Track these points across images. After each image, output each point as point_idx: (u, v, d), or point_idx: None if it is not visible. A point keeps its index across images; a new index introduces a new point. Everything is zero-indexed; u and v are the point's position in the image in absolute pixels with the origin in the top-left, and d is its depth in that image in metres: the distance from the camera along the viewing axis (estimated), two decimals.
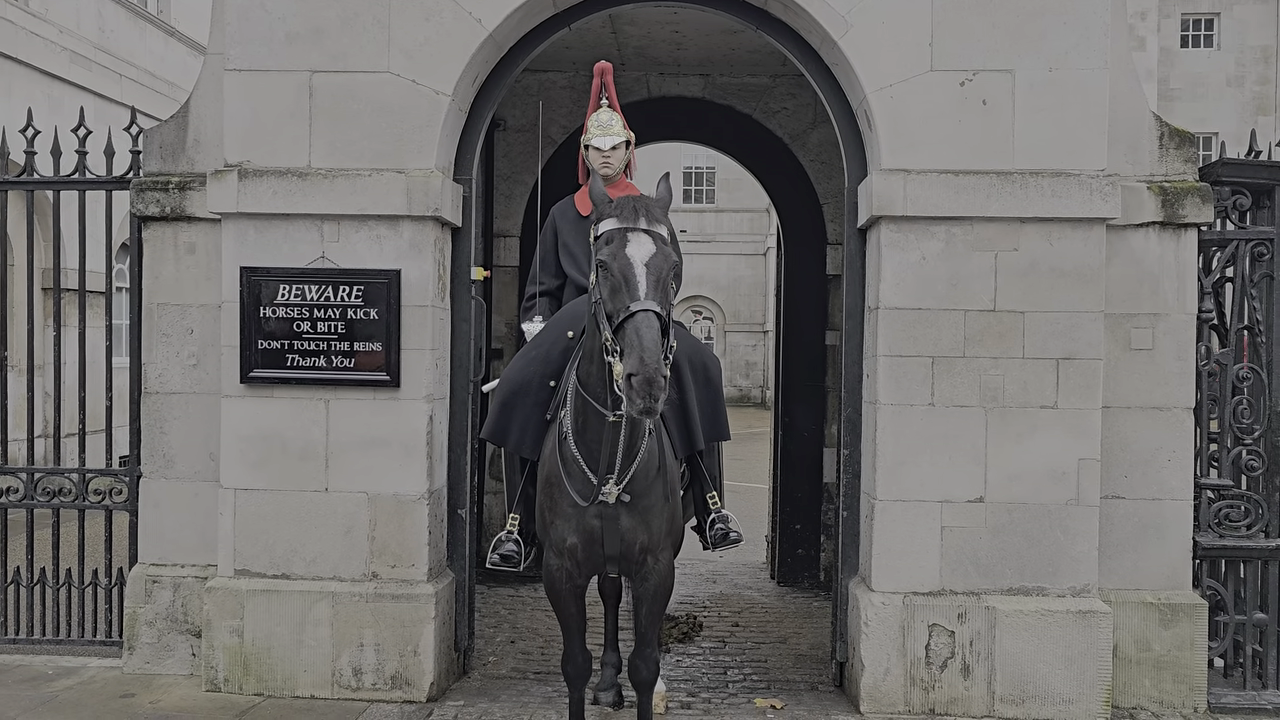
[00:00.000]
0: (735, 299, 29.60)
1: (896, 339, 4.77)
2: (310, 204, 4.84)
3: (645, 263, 3.35)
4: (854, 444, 5.09)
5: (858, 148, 5.08)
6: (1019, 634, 4.70)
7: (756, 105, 7.63)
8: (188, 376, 5.18)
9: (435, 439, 4.99)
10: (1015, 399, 4.76)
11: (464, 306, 5.16)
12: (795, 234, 7.73)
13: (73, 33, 12.02)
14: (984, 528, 4.77)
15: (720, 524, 4.22)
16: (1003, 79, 4.75)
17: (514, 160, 7.65)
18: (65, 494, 5.41)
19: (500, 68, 5.14)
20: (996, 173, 4.72)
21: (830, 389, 7.52)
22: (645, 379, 3.12)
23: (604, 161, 4.50)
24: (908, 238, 4.77)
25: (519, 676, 5.38)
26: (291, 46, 4.87)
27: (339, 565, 4.90)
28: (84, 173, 5.34)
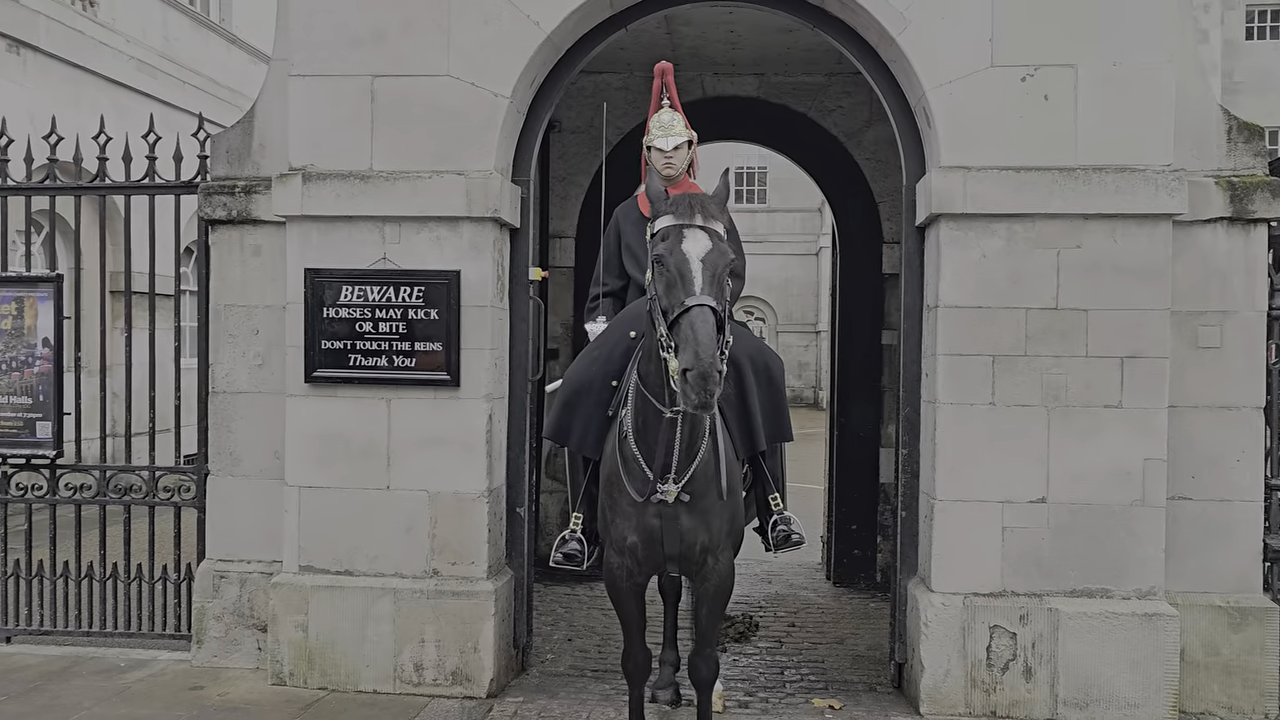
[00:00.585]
0: (787, 299, 29.44)
1: (956, 338, 4.73)
2: (372, 206, 4.92)
3: (701, 258, 3.36)
4: (912, 443, 5.05)
5: (916, 145, 5.04)
6: (1083, 636, 4.63)
7: (811, 104, 7.60)
8: (253, 376, 5.29)
9: (494, 438, 5.05)
10: (1078, 398, 4.68)
11: (522, 306, 5.22)
12: (850, 233, 7.69)
13: (139, 42, 12.34)
14: (1046, 528, 4.70)
15: (782, 525, 4.21)
16: (1065, 74, 4.68)
17: (570, 162, 7.71)
18: (136, 491, 5.56)
19: (557, 70, 5.18)
20: (1059, 169, 4.66)
21: (886, 389, 7.46)
22: (700, 374, 3.12)
23: (666, 162, 4.50)
24: (968, 235, 4.72)
25: (576, 674, 5.42)
26: (353, 51, 4.96)
27: (400, 562, 4.98)
28: (154, 178, 5.49)
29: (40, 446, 5.57)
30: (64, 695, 4.86)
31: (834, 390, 7.93)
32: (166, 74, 12.68)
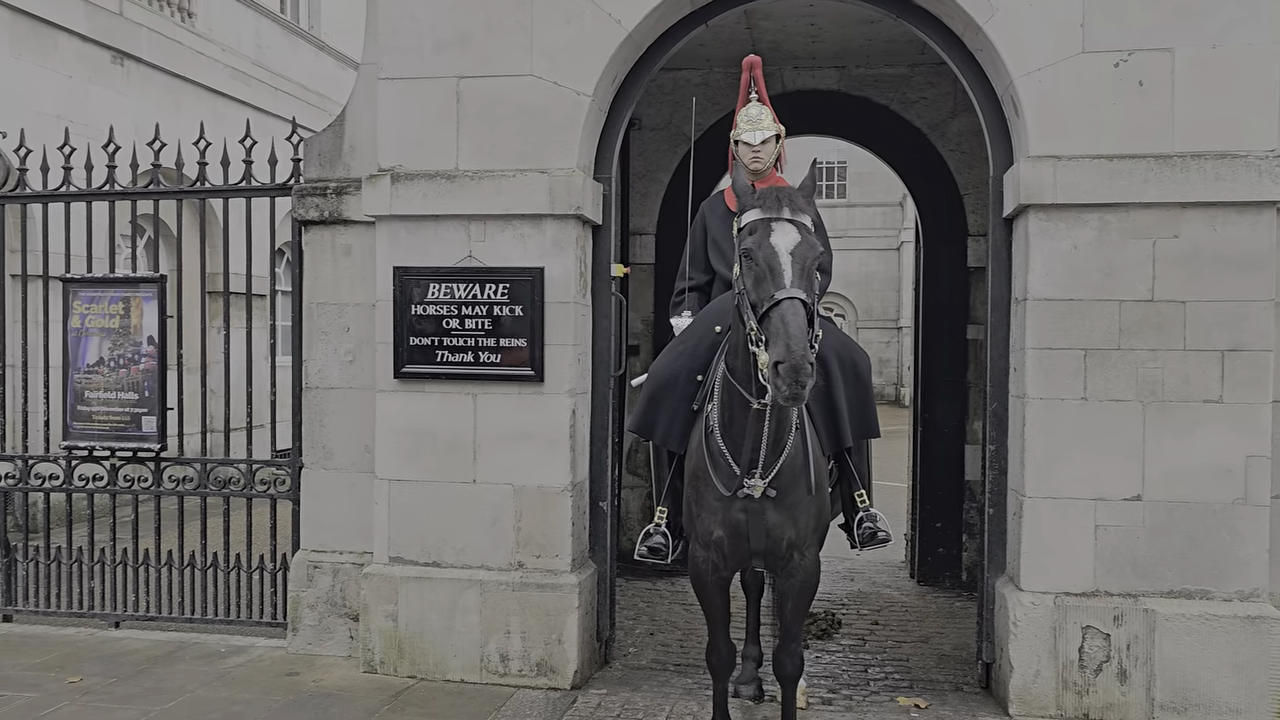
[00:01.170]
0: (868, 295, 29.05)
1: (1046, 331, 4.62)
2: (458, 205, 5.02)
3: (790, 251, 3.34)
4: (1000, 439, 4.96)
5: (1003, 135, 4.94)
6: (1181, 638, 4.49)
7: (894, 96, 7.50)
8: (345, 372, 5.45)
9: (578, 432, 5.11)
10: (1175, 393, 4.54)
11: (604, 303, 5.26)
12: (934, 226, 7.56)
13: (234, 51, 12.77)
14: (1142, 527, 4.57)
15: (869, 522, 4.17)
16: (1161, 58, 4.54)
17: (649, 159, 7.74)
18: (234, 483, 5.77)
19: (638, 67, 5.22)
20: (1154, 156, 4.52)
21: (972, 384, 7.32)
22: (792, 366, 3.10)
23: (754, 156, 4.48)
24: (1058, 226, 4.61)
25: (659, 668, 5.45)
26: (439, 54, 5.06)
27: (486, 554, 5.07)
28: (250, 181, 5.69)
29: (146, 440, 5.82)
30: (169, 679, 5.07)
31: (918, 386, 7.81)
32: (259, 81, 13.09)
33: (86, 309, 5.90)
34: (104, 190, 5.87)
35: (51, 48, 9.94)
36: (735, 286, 3.56)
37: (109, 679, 5.05)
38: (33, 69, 9.65)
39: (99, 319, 5.90)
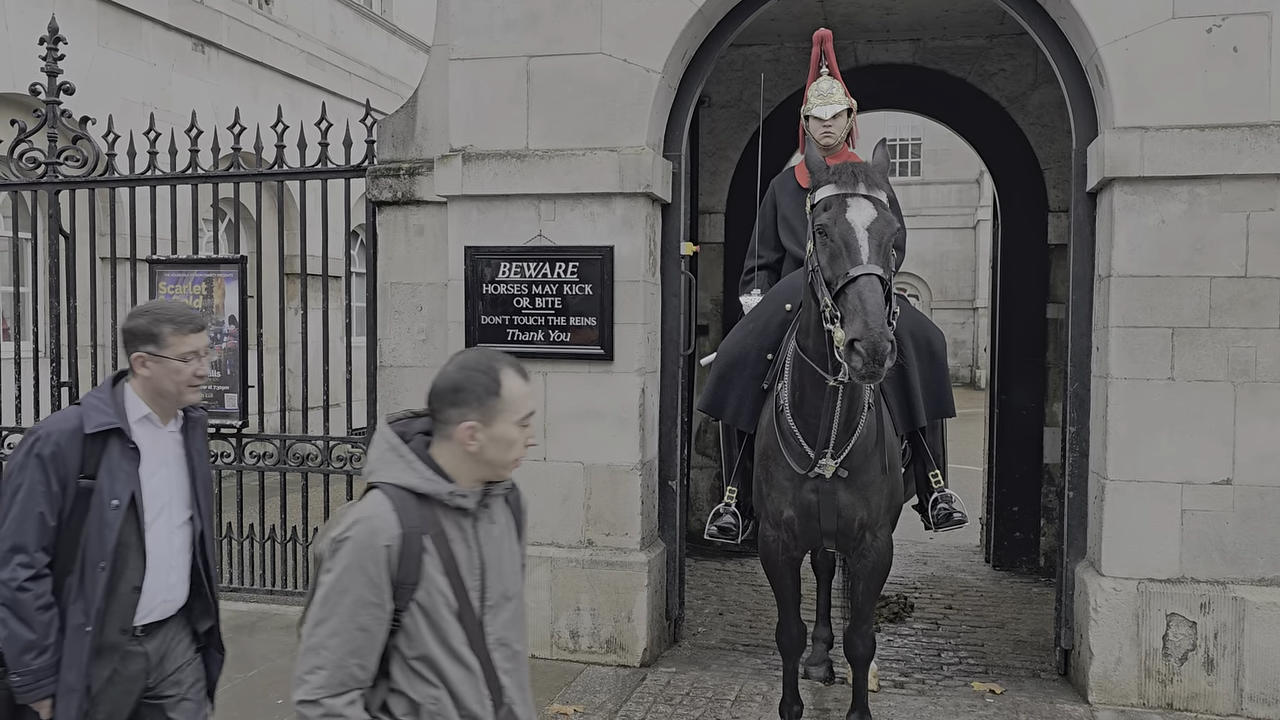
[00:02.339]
0: (942, 275, 28.46)
1: (1131, 309, 4.47)
2: (528, 184, 5.04)
3: (866, 227, 3.28)
4: (1081, 421, 4.82)
5: (1086, 106, 4.77)
6: (1272, 628, 4.32)
7: (971, 68, 7.30)
8: (417, 351, 5.52)
9: (647, 411, 5.10)
10: (1270, 373, 4.36)
11: (673, 281, 5.24)
12: (1013, 202, 7.35)
13: (309, 36, 12.99)
14: (1231, 512, 4.40)
15: (943, 504, 4.09)
16: (1257, 23, 4.33)
17: (719, 137, 7.67)
18: (312, 459, 5.90)
19: (708, 43, 5.16)
20: (1249, 126, 4.32)
21: (1051, 365, 7.13)
22: (870, 343, 3.04)
23: (825, 131, 4.39)
24: (1144, 200, 4.45)
25: (728, 648, 5.44)
26: (510, 33, 5.07)
27: (557, 531, 5.11)
28: (326, 163, 5.78)
29: (228, 417, 5.99)
30: (252, 647, 5.22)
31: (994, 367, 7.63)
32: (334, 66, 13.30)
33: (172, 289, 6.07)
34: (187, 174, 6.03)
35: (136, 36, 10.23)
36: (808, 264, 3.50)
37: None
38: (119, 57, 9.94)
39: (183, 299, 6.07)
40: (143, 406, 2.66)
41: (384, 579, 1.93)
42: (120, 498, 2.57)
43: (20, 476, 2.54)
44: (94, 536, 2.56)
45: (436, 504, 1.99)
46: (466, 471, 2.04)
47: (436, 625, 1.98)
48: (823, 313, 3.34)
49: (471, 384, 2.00)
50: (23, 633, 2.51)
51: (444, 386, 2.02)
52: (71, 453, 2.55)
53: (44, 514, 2.53)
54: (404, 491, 1.98)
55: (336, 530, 1.96)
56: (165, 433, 2.71)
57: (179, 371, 2.61)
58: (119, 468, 2.58)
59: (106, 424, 2.57)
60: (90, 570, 2.56)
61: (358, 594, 1.91)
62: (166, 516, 2.69)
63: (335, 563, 1.93)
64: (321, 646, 1.93)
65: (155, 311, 2.67)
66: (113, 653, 2.63)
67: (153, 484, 2.65)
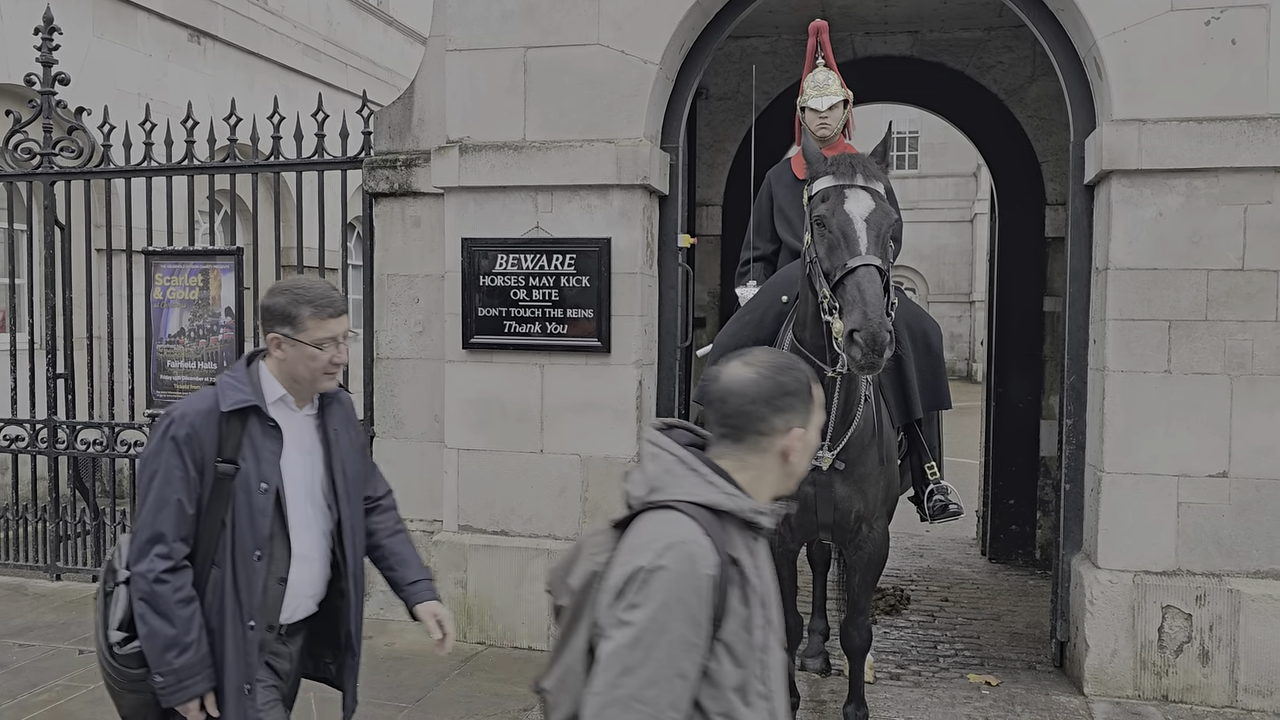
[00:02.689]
0: (939, 268, 28.47)
1: (1128, 302, 4.47)
2: (525, 176, 5.03)
3: (864, 218, 3.28)
4: (1078, 414, 4.82)
5: (1084, 99, 4.77)
6: (1267, 620, 4.34)
7: (969, 61, 7.29)
8: (414, 343, 5.51)
9: (644, 403, 5.10)
10: (1266, 366, 4.36)
11: (671, 273, 5.23)
12: (1010, 195, 7.35)
13: (305, 27, 12.93)
14: (1227, 504, 4.41)
15: (939, 495, 4.10)
16: (1255, 15, 4.33)
17: (716, 129, 7.65)
18: None
19: (706, 34, 5.15)
20: (1247, 119, 4.32)
21: (1048, 358, 7.13)
22: (869, 334, 3.05)
23: (821, 122, 4.38)
24: (1142, 193, 4.45)
25: None
26: (507, 24, 5.05)
27: (553, 523, 5.11)
28: (322, 154, 5.76)
29: None
30: None
31: (991, 360, 7.64)
32: (330, 57, 13.25)
33: (167, 281, 6.06)
34: (183, 165, 6.01)
35: (132, 27, 10.18)
36: (806, 255, 3.50)
37: None
38: (114, 48, 9.89)
39: (179, 291, 6.06)
40: (278, 388, 2.47)
41: (705, 615, 1.63)
42: (268, 480, 2.39)
43: (155, 462, 2.37)
44: (244, 524, 2.37)
45: (730, 524, 1.71)
46: (767, 487, 1.78)
47: (740, 667, 1.69)
48: (821, 304, 3.34)
49: (797, 386, 1.75)
50: (163, 629, 2.32)
51: (765, 390, 1.74)
52: (208, 434, 2.36)
53: (182, 501, 2.34)
54: (704, 511, 1.69)
55: (641, 559, 1.64)
56: (301, 415, 2.52)
57: (314, 358, 2.42)
58: (263, 448, 2.40)
59: (243, 401, 2.39)
60: (243, 561, 2.37)
61: (678, 634, 1.60)
62: (307, 503, 2.50)
63: (647, 597, 1.61)
64: (635, 700, 1.60)
65: (295, 291, 2.45)
66: (262, 652, 2.45)
67: (291, 468, 2.46)
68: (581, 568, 1.76)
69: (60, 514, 6.28)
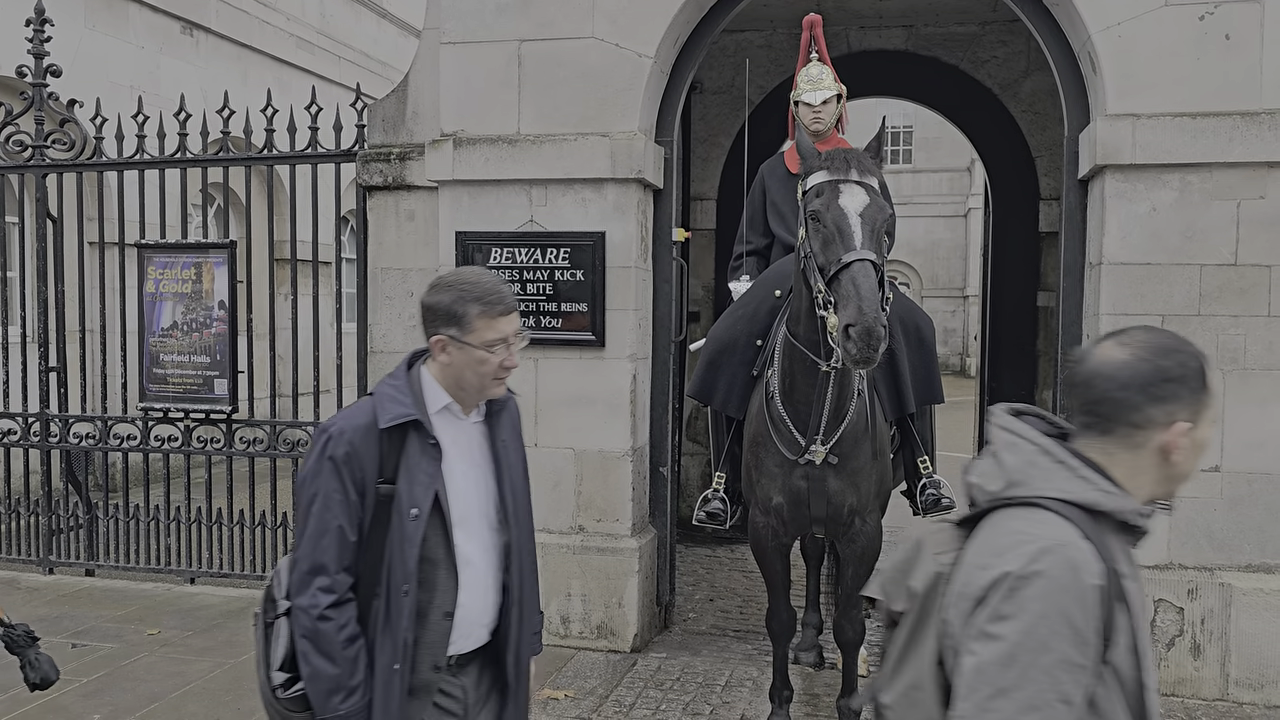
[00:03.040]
0: (933, 263, 28.51)
1: (1121, 297, 4.48)
2: (519, 169, 5.02)
3: (859, 213, 3.27)
4: None
5: (1079, 93, 4.78)
6: (1259, 614, 4.36)
7: (964, 55, 7.29)
8: (408, 336, 5.50)
9: (638, 397, 5.10)
10: (1259, 360, 4.38)
11: (665, 267, 5.23)
12: (1005, 190, 7.37)
13: (298, 19, 12.89)
14: (1219, 499, 4.43)
15: (932, 489, 4.11)
16: (1249, 10, 4.33)
17: (710, 123, 7.65)
18: (302, 445, 5.89)
19: (701, 28, 5.14)
20: (1240, 113, 4.33)
21: (1041, 353, 7.16)
22: (864, 329, 3.05)
23: (814, 117, 4.39)
24: (1135, 187, 4.45)
25: (718, 633, 5.46)
26: (501, 17, 5.04)
27: (548, 517, 5.11)
28: (316, 148, 5.74)
29: (218, 402, 5.96)
30: (242, 632, 5.21)
31: (984, 355, 7.66)
32: (323, 50, 13.21)
33: (160, 274, 6.04)
34: (176, 158, 5.98)
35: (124, 19, 10.13)
36: (800, 250, 3.49)
37: (185, 632, 5.21)
38: (106, 40, 9.85)
39: (172, 284, 6.03)
40: (443, 395, 2.20)
41: (1092, 631, 1.41)
42: (420, 505, 2.13)
43: (314, 485, 2.12)
44: (396, 554, 2.12)
45: (1105, 527, 1.50)
46: (1141, 488, 1.53)
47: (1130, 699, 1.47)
48: (815, 298, 3.34)
49: (1185, 372, 1.50)
50: (326, 669, 2.09)
51: (1142, 375, 1.49)
52: (368, 453, 2.12)
53: (343, 527, 2.10)
54: (1079, 511, 1.48)
55: (1009, 564, 1.43)
56: (469, 424, 2.26)
57: (484, 362, 2.15)
58: (418, 468, 2.14)
59: (403, 416, 2.13)
60: (395, 595, 2.12)
61: (1061, 652, 1.39)
62: (476, 523, 2.24)
63: (1019, 608, 1.40)
64: None
65: (462, 286, 2.16)
66: (426, 695, 2.20)
67: (458, 484, 2.20)
68: (924, 569, 1.57)
69: (53, 508, 6.27)
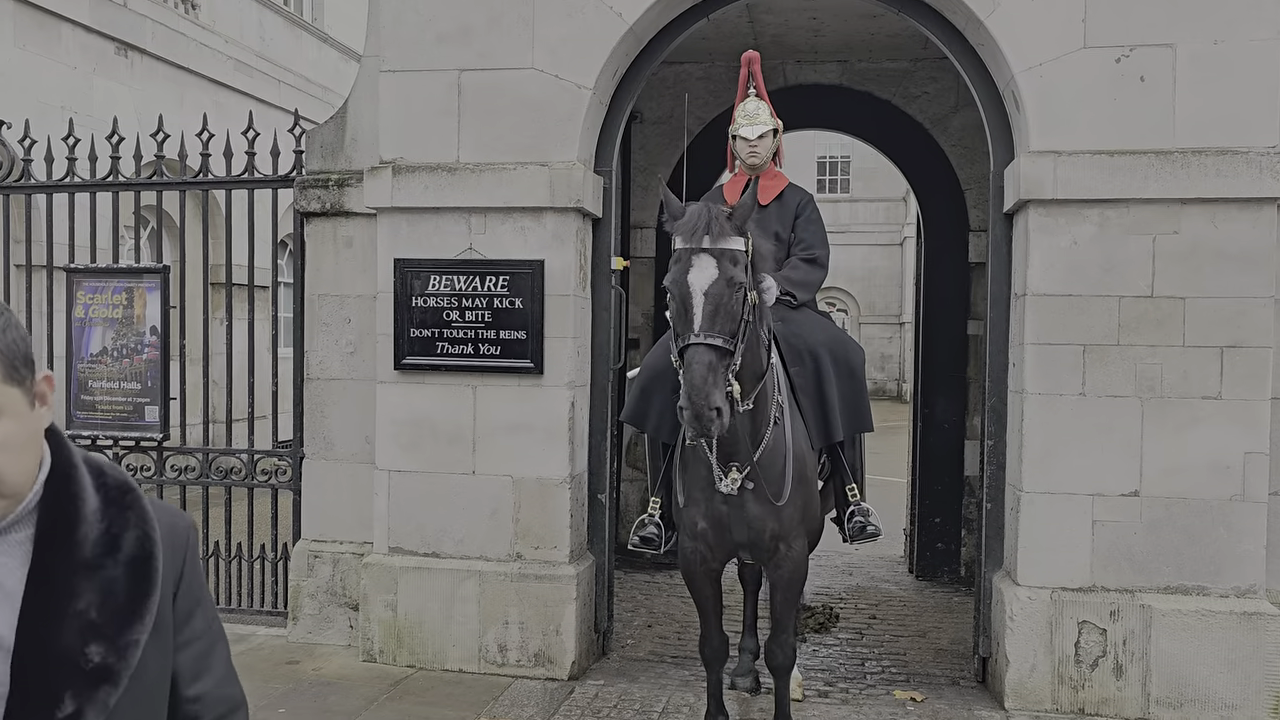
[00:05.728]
0: (870, 290, 29.03)
1: (1045, 326, 4.63)
2: (459, 197, 5.04)
3: (704, 290, 3.34)
4: (999, 434, 4.97)
5: (1004, 130, 4.95)
6: (1177, 634, 4.50)
7: (896, 90, 7.49)
8: (346, 364, 5.47)
9: (577, 425, 5.12)
10: (1174, 389, 4.55)
11: (604, 295, 5.28)
12: (936, 221, 7.56)
13: (237, 42, 12.77)
14: (1139, 522, 4.58)
15: (859, 516, 4.20)
16: (1162, 54, 4.54)
17: (650, 153, 7.74)
18: (236, 473, 5.80)
19: (640, 60, 5.22)
20: (1155, 152, 4.52)
21: (972, 380, 7.32)
22: (692, 414, 3.22)
23: (751, 151, 4.50)
24: (1057, 221, 4.62)
25: (656, 660, 5.47)
26: (441, 47, 5.07)
27: (485, 545, 5.09)
28: (253, 173, 5.70)
29: (148, 430, 5.85)
30: None
31: (918, 381, 7.82)
32: (263, 73, 13.10)
33: (90, 299, 5.92)
34: (107, 181, 5.89)
35: (55, 38, 9.95)
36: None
37: None
38: (37, 59, 9.66)
39: (102, 309, 5.92)
40: None
41: None
42: None
43: None
44: None
45: None
46: None
47: None
48: (674, 364, 3.49)
49: None
50: None
51: None
52: None
53: None
54: None
55: None
56: None
57: None
58: None
59: None
60: None
61: None
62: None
63: None
64: None
65: None
66: None
67: None
68: None
69: None
